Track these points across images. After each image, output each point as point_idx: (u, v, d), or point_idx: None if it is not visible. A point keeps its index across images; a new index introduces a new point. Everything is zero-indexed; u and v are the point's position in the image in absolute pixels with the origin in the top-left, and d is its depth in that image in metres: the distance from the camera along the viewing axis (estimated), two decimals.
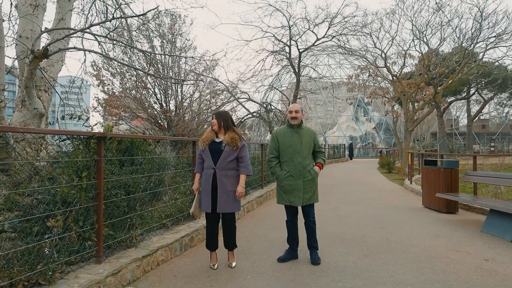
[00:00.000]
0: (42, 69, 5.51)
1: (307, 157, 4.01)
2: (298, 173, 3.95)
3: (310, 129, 4.20)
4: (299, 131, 4.04)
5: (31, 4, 5.35)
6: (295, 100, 14.90)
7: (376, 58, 19.74)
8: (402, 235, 5.25)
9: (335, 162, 25.91)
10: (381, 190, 10.99)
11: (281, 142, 4.05)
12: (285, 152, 4.01)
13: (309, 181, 3.98)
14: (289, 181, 3.96)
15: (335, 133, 43.74)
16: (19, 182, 4.02)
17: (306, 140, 4.02)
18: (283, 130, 4.11)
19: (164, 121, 19.49)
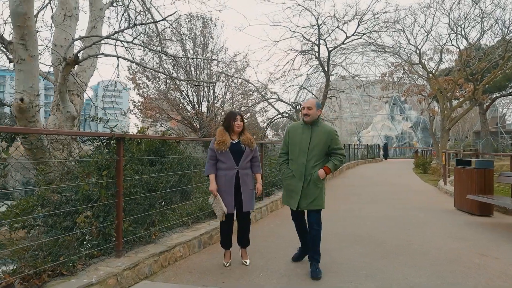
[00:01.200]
0: (75, 75, 5.88)
1: (315, 158, 3.62)
2: (300, 174, 3.63)
3: (327, 127, 3.74)
4: (313, 128, 3.68)
5: (65, 15, 5.73)
6: (325, 100, 14.74)
7: (410, 55, 19.05)
8: (425, 237, 5.08)
9: (369, 162, 25.26)
10: (412, 191, 10.63)
11: (291, 138, 3.76)
12: (293, 149, 3.73)
13: (310, 184, 3.61)
14: (290, 182, 3.73)
15: (369, 132, 42.59)
16: (52, 180, 4.35)
17: (318, 139, 3.63)
18: (296, 126, 3.81)
19: (197, 122, 20.02)
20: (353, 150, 23.22)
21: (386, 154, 29.67)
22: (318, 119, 3.71)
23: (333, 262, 4.02)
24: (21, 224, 3.50)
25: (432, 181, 12.99)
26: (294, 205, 3.68)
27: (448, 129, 16.92)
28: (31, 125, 4.45)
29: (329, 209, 7.70)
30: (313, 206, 3.63)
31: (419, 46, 16.92)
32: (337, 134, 3.73)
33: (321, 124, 3.71)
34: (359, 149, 26.20)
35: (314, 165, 3.62)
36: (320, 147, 3.64)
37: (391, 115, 42.48)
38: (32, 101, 4.35)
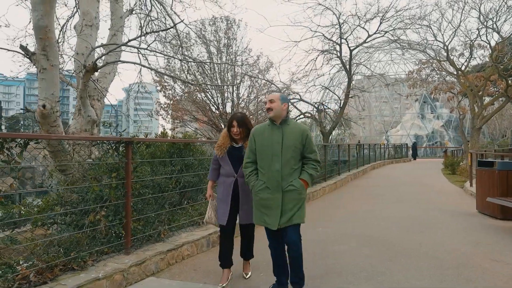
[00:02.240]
0: (96, 80, 6.22)
1: (290, 164, 3.01)
2: (276, 184, 2.98)
3: (299, 126, 3.15)
4: (283, 128, 3.06)
5: (86, 24, 6.07)
6: (347, 100, 14.58)
7: (439, 52, 18.42)
8: (438, 240, 4.98)
9: (396, 163, 24.62)
10: (437, 192, 10.32)
11: (258, 142, 3.10)
12: (262, 156, 3.07)
13: (291, 195, 2.98)
14: (265, 195, 3.02)
15: (398, 131, 41.42)
16: (73, 181, 4.66)
17: (290, 140, 3.02)
18: (262, 128, 3.14)
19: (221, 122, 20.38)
20: (379, 150, 22.72)
21: (415, 154, 28.79)
22: (287, 117, 3.14)
23: (338, 263, 4.04)
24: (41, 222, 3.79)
25: (459, 182, 12.53)
26: (275, 223, 3.00)
27: (478, 128, 16.23)
28: (53, 130, 4.78)
29: (347, 210, 7.69)
30: (293, 221, 3.00)
31: (447, 42, 16.33)
32: (310, 134, 3.18)
33: (291, 123, 3.14)
34: (386, 149, 25.59)
35: (291, 172, 3.00)
36: (293, 149, 3.02)
37: (421, 113, 41.15)
38: (53, 107, 4.68)
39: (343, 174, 13.38)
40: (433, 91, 18.95)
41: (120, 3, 7.27)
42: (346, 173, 13.85)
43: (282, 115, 3.09)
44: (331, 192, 10.49)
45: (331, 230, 5.73)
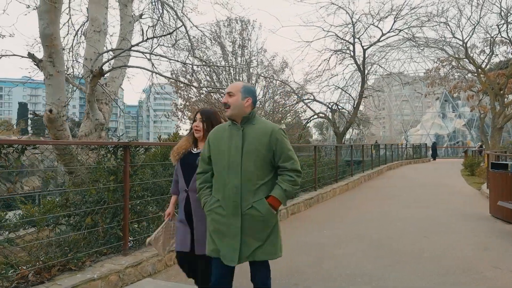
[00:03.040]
0: (104, 85, 6.39)
1: (253, 177, 2.22)
2: (233, 206, 2.21)
3: (268, 125, 2.33)
4: (246, 128, 2.28)
5: (94, 30, 6.25)
6: (361, 100, 14.38)
7: (458, 49, 17.90)
8: (444, 245, 4.86)
9: (414, 163, 24.08)
10: (452, 194, 10.04)
11: (213, 148, 2.34)
12: (216, 167, 2.32)
13: (253, 220, 2.21)
14: (218, 218, 2.26)
15: (418, 131, 40.43)
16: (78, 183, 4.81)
17: (256, 145, 2.24)
18: (221, 129, 2.39)
19: None
20: (396, 150, 22.28)
21: (434, 154, 28.06)
22: (252, 113, 2.33)
23: (336, 268, 4.02)
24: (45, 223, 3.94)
25: (477, 184, 12.14)
26: (232, 257, 2.21)
27: (500, 127, 15.68)
28: (60, 133, 4.95)
29: (355, 212, 7.61)
30: (259, 257, 2.25)
31: (465, 39, 15.85)
32: (285, 135, 2.33)
33: (258, 122, 2.32)
34: (404, 149, 25.06)
35: (254, 188, 2.21)
36: (257, 158, 2.23)
37: (442, 112, 40.01)
38: (59, 111, 4.85)
39: (356, 175, 13.21)
40: (452, 90, 18.42)
41: (129, 8, 7.44)
42: (359, 174, 13.66)
43: (244, 113, 2.27)
44: (342, 194, 10.39)
45: (336, 232, 5.69)
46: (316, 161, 9.47)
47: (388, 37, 13.81)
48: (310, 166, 9.56)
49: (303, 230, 5.95)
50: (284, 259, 4.33)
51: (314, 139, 43.07)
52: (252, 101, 2.33)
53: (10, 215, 3.65)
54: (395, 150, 21.94)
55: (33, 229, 3.84)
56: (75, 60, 8.29)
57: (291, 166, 2.27)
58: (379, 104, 24.55)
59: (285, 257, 4.40)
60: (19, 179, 16.11)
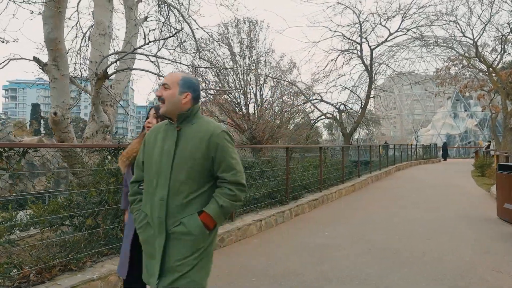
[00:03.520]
0: (109, 87, 6.49)
1: (184, 189, 1.85)
2: (158, 222, 1.84)
3: (208, 126, 1.92)
4: (183, 129, 1.91)
5: (100, 33, 6.36)
6: (368, 100, 14.28)
7: (468, 48, 17.62)
8: (446, 248, 4.81)
9: (424, 163, 23.78)
10: (460, 196, 9.91)
11: (146, 152, 1.99)
12: (146, 173, 1.96)
13: (180, 240, 1.83)
14: (145, 236, 1.91)
15: (429, 131, 39.85)
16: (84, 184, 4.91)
17: (187, 150, 1.86)
18: (157, 129, 2.01)
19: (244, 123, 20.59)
20: (405, 150, 22.05)
21: (445, 154, 27.65)
22: (192, 111, 1.93)
23: (333, 270, 4.02)
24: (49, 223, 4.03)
25: (486, 185, 11.94)
26: (153, 280, 1.87)
27: (511, 128, 15.38)
28: (64, 136, 5.06)
29: (362, 212, 7.57)
30: (186, 284, 1.83)
31: (476, 38, 15.60)
32: (229, 139, 1.93)
33: (199, 121, 1.94)
34: (414, 149, 24.77)
35: (185, 201, 1.84)
36: (196, 164, 1.85)
37: (454, 112, 39.37)
38: (64, 114, 4.95)
39: (363, 176, 13.13)
40: (462, 89, 18.12)
41: (134, 11, 7.54)
42: (366, 175, 13.57)
43: (181, 110, 1.89)
44: (349, 195, 10.34)
45: (338, 234, 5.68)
46: (321, 162, 9.46)
47: (396, 37, 13.70)
48: (316, 167, 9.55)
49: (306, 231, 5.96)
50: (282, 260, 4.37)
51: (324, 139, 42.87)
52: (192, 97, 1.92)
53: (21, 214, 3.78)
54: (404, 150, 21.71)
55: (35, 230, 3.94)
56: (83, 62, 8.44)
57: (232, 177, 1.87)
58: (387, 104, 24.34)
59: (284, 258, 4.44)
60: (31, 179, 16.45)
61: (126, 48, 7.02)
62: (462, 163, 23.29)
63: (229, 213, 1.97)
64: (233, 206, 1.91)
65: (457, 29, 16.09)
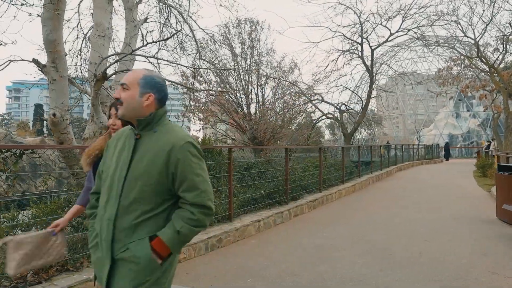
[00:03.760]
0: (109, 88, 6.53)
1: (136, 209, 1.56)
2: (105, 245, 1.57)
3: (173, 137, 1.61)
4: (143, 137, 1.63)
5: (99, 35, 6.39)
6: (369, 100, 14.25)
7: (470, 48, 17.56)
8: (443, 249, 4.81)
9: (426, 163, 23.71)
10: (460, 196, 9.87)
11: (105, 160, 1.72)
12: (102, 186, 1.69)
13: (125, 269, 1.54)
14: (94, 256, 1.67)
15: (431, 131, 39.71)
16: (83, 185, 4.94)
17: (145, 164, 1.57)
18: (119, 134, 1.74)
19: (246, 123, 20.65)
20: (407, 151, 22.01)
21: (447, 154, 27.56)
22: (156, 116, 1.64)
23: (329, 271, 4.03)
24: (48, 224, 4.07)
25: (487, 186, 11.89)
26: None
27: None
28: (63, 137, 5.10)
29: (361, 213, 7.58)
30: None
31: (477, 38, 15.55)
32: (194, 152, 1.60)
33: (163, 129, 1.64)
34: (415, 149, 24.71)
35: (134, 223, 1.55)
36: (151, 182, 1.56)
37: (456, 112, 39.19)
38: (63, 115, 4.99)
39: (364, 176, 13.12)
40: (464, 89, 18.05)
41: (134, 12, 7.57)
42: (367, 175, 13.56)
43: (141, 114, 1.60)
44: (349, 195, 10.33)
45: (337, 235, 5.69)
46: (321, 162, 9.46)
47: (397, 37, 13.67)
48: (316, 167, 9.56)
49: (304, 232, 5.97)
50: (280, 261, 4.39)
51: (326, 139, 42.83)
52: (156, 98, 1.62)
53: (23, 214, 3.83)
54: (406, 150, 21.67)
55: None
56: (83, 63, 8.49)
57: (194, 199, 1.56)
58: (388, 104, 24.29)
59: (282, 259, 4.46)
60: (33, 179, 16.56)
61: (125, 49, 7.06)
62: (464, 163, 23.20)
63: (187, 241, 1.62)
64: (193, 232, 1.58)
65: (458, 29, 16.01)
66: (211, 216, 1.64)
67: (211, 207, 1.61)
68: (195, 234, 1.61)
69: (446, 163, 25.70)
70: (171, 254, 1.58)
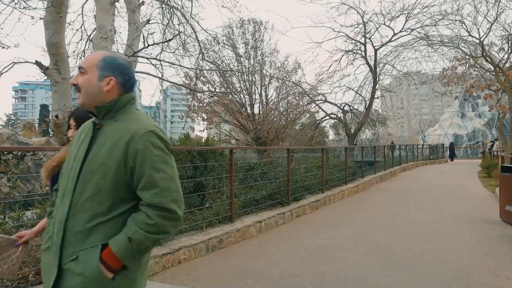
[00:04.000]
0: None
1: (90, 209, 1.34)
2: (55, 249, 1.36)
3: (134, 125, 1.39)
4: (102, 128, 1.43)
5: (102, 37, 6.43)
6: (372, 100, 14.20)
7: (475, 47, 17.43)
8: (445, 250, 4.79)
9: (430, 164, 23.57)
10: (465, 197, 9.81)
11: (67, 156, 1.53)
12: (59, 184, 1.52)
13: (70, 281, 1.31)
14: (43, 260, 1.46)
15: (436, 131, 39.45)
16: None
17: (102, 157, 1.36)
18: (82, 127, 1.56)
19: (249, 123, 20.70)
20: (411, 151, 21.90)
21: (452, 154, 27.38)
22: (118, 102, 1.44)
23: (331, 272, 4.03)
24: None
25: (492, 187, 11.81)
26: None
27: None
28: (65, 138, 5.13)
29: (364, 213, 7.56)
30: None
31: (482, 37, 15.43)
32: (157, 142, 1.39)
33: (126, 117, 1.44)
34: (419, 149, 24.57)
35: (87, 227, 1.34)
36: (109, 176, 1.35)
37: (461, 111, 38.91)
38: (65, 117, 5.02)
39: (367, 176, 13.08)
40: (469, 89, 17.91)
41: (137, 14, 7.61)
42: (371, 175, 13.52)
43: (101, 101, 1.41)
44: (352, 196, 10.31)
45: (339, 235, 5.69)
46: (323, 163, 9.45)
47: (400, 37, 13.61)
48: (318, 168, 9.55)
49: (306, 233, 5.97)
50: (281, 262, 4.39)
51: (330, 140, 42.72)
52: (117, 83, 1.42)
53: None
54: (410, 150, 21.56)
55: None
56: None
57: (152, 199, 1.32)
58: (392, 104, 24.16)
59: (283, 260, 4.46)
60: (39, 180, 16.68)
61: (127, 51, 7.10)
62: (469, 164, 23.04)
63: (144, 250, 1.34)
64: (149, 240, 1.31)
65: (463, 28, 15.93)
66: (175, 221, 1.36)
67: (174, 210, 1.34)
68: (153, 243, 1.35)
69: (451, 163, 25.53)
70: (120, 266, 1.31)
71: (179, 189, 1.39)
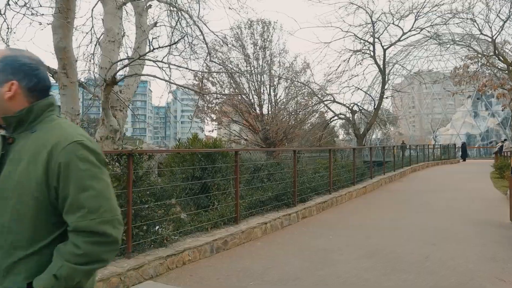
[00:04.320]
0: (118, 92, 6.67)
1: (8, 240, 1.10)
2: None
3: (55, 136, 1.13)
4: (15, 143, 1.16)
5: (109, 40, 6.55)
6: (381, 101, 14.08)
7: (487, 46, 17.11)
8: (449, 254, 4.73)
9: (442, 164, 23.23)
10: (475, 199, 9.65)
11: None
12: None
13: None
14: None
15: (448, 131, 38.82)
16: None
17: (18, 176, 1.10)
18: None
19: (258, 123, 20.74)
20: (422, 151, 21.63)
21: (464, 154, 26.92)
22: (33, 111, 1.17)
23: (331, 275, 4.04)
24: None
25: (504, 188, 11.58)
26: None
27: None
28: None
29: (370, 215, 7.52)
30: None
31: (494, 35, 15.15)
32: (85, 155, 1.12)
33: (44, 127, 1.17)
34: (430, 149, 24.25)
35: (11, 261, 1.10)
36: (28, 199, 1.10)
37: (474, 111, 38.21)
38: (73, 120, 5.13)
39: (376, 177, 12.97)
40: (481, 88, 17.57)
41: (144, 17, 7.71)
42: (379, 176, 13.40)
43: (6, 111, 1.17)
44: (359, 197, 10.24)
45: (343, 237, 5.68)
46: (331, 164, 9.41)
47: (410, 36, 13.46)
48: (326, 169, 9.52)
49: (311, 234, 5.97)
50: (283, 264, 4.41)
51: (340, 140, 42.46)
52: (22, 87, 1.17)
53: None
54: (421, 150, 21.30)
55: None
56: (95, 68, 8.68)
57: (76, 223, 1.09)
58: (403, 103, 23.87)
59: (285, 262, 4.48)
60: None
61: (135, 54, 7.19)
62: (481, 164, 22.64)
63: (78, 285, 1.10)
64: (81, 273, 1.09)
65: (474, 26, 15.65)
66: (110, 245, 1.12)
67: (107, 233, 1.09)
68: (87, 275, 1.11)
69: (462, 163, 25.13)
70: None
71: (112, 207, 1.14)
